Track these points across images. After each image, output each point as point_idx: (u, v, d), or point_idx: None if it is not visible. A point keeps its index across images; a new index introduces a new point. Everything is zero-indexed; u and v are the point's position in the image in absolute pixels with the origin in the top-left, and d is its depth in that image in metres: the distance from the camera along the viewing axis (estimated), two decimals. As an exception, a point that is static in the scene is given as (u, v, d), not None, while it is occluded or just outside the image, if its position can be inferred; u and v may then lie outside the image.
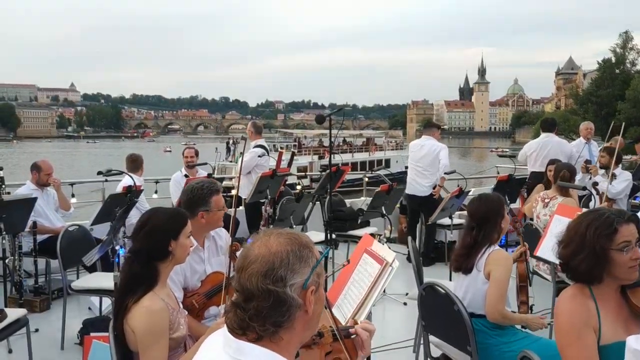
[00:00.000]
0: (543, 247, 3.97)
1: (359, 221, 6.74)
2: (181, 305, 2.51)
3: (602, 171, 6.85)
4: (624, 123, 10.30)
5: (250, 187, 5.87)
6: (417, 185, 6.98)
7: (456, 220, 6.84)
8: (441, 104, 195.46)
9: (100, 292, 4.34)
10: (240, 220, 6.56)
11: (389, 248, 2.65)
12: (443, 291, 2.79)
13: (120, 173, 5.52)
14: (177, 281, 2.92)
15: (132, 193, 4.88)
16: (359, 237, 6.49)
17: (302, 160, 33.19)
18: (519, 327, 3.02)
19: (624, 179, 6.66)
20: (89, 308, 5.12)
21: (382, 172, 10.42)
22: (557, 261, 3.81)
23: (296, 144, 37.03)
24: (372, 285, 2.41)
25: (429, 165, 6.95)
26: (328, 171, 8.15)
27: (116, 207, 4.76)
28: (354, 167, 32.42)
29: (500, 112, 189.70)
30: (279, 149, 36.78)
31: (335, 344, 1.71)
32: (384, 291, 4.99)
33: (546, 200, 5.70)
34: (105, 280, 4.13)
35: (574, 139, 8.25)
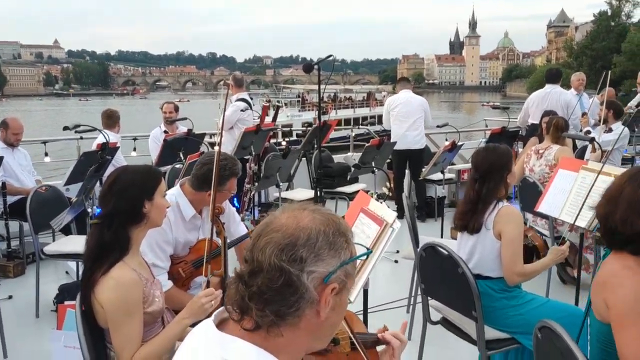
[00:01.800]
0: (545, 203, 3.71)
1: (348, 177, 6.46)
2: (155, 276, 2.22)
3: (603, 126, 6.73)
4: (609, 72, 10.06)
5: (234, 143, 5.52)
6: (411, 138, 6.70)
7: (447, 175, 6.68)
8: (432, 58, 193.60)
9: (75, 257, 4.05)
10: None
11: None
12: (446, 252, 2.52)
13: (93, 129, 5.15)
14: (166, 251, 2.65)
15: (105, 150, 4.53)
16: (348, 194, 6.35)
17: (307, 116, 32.52)
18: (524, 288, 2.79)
19: (615, 133, 6.56)
20: (67, 272, 4.85)
21: (376, 127, 10.07)
22: (560, 217, 3.64)
23: (300, 99, 36.53)
24: (371, 248, 2.13)
25: (420, 118, 6.81)
26: (315, 126, 7.90)
27: (90, 165, 4.43)
28: (356, 122, 32.18)
29: (490, 66, 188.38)
30: (282, 105, 36.26)
31: (355, 354, 1.42)
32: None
33: (540, 152, 5.50)
34: (80, 243, 3.83)
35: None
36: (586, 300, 2.22)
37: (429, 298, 2.81)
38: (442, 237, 5.50)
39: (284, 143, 10.71)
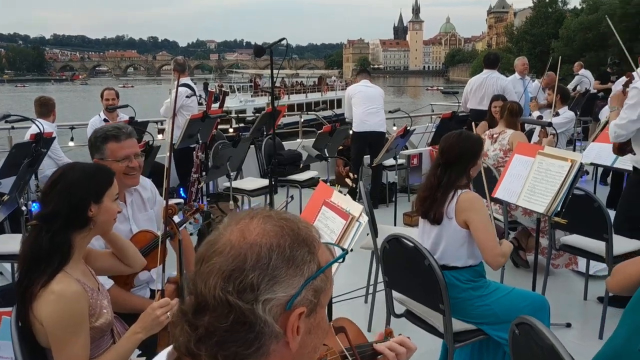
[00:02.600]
0: (502, 189, 3.68)
1: (301, 165, 6.31)
2: (101, 283, 2.00)
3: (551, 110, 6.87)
4: (560, 57, 10.33)
5: (178, 132, 5.24)
6: (375, 122, 6.67)
7: (399, 161, 6.64)
8: (377, 43, 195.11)
9: (9, 258, 3.73)
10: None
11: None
12: (411, 244, 2.42)
13: (25, 119, 4.76)
14: (98, 247, 2.39)
15: (40, 141, 4.19)
16: (300, 182, 6.22)
17: (260, 101, 31.92)
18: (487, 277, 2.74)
19: (564, 117, 6.72)
20: (1, 273, 4.50)
21: (326, 113, 9.93)
22: (517, 202, 3.63)
23: (252, 84, 35.86)
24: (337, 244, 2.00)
25: (381, 105, 6.83)
26: (264, 112, 7.73)
27: (24, 158, 4.09)
28: (309, 107, 31.80)
29: (434, 50, 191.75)
30: (235, 90, 35.41)
31: None
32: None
33: (495, 136, 5.55)
34: (16, 243, 3.52)
35: (508, 76, 8.16)
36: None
37: (393, 291, 2.72)
38: (395, 224, 5.45)
39: (231, 130, 10.39)
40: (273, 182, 3.72)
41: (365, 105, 6.61)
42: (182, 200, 5.43)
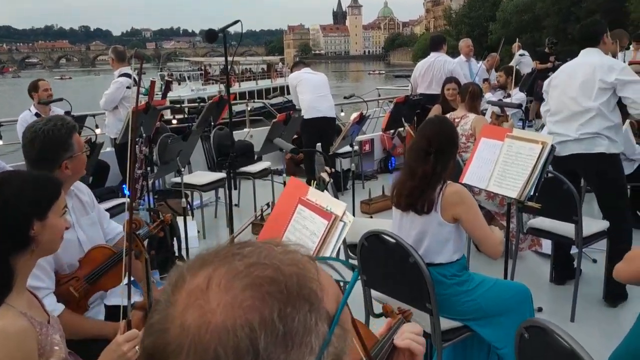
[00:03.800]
0: (470, 174, 3.56)
1: (256, 157, 6.04)
2: (51, 311, 1.69)
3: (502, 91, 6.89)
4: (503, 39, 10.51)
5: (120, 125, 4.85)
6: (325, 107, 6.49)
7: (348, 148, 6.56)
8: (317, 28, 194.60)
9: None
10: (110, 165, 5.55)
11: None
12: (393, 240, 2.25)
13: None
14: (46, 266, 2.08)
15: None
16: (254, 174, 5.95)
17: (212, 89, 31.00)
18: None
19: (516, 99, 6.75)
20: None
21: (279, 100, 9.61)
22: (488, 188, 3.52)
23: (202, 72, 34.87)
24: (318, 248, 1.79)
25: (328, 91, 6.68)
26: (210, 102, 7.37)
27: (-53, 160, 3.65)
28: (260, 94, 31.36)
29: (373, 35, 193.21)
30: (186, 79, 34.40)
31: None
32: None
33: (456, 120, 5.49)
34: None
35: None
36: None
37: (372, 290, 2.54)
38: (354, 213, 5.29)
39: (174, 122, 9.91)
40: (235, 178, 3.45)
41: (313, 91, 6.41)
42: (127, 200, 5.07)
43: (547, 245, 4.31)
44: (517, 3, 48.08)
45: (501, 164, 3.28)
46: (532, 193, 3.08)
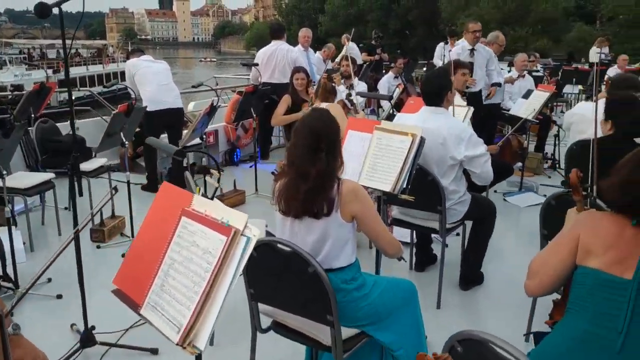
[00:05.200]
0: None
1: (95, 155, 5.35)
2: None
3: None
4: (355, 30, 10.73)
5: None
6: (170, 98, 5.98)
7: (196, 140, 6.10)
8: (142, 12, 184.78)
9: None
10: None
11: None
12: (288, 249, 2.02)
13: None
14: None
15: None
16: (89, 172, 5.23)
17: (37, 75, 27.76)
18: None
19: (359, 89, 6.92)
20: None
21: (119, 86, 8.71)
22: (359, 182, 3.43)
23: (26, 55, 30.79)
24: (217, 270, 1.50)
25: (171, 79, 6.20)
26: (29, 90, 6.45)
27: None
28: (91, 82, 29.17)
29: (202, 22, 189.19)
30: (7, 63, 30.39)
31: None
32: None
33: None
34: None
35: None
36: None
37: (259, 304, 2.28)
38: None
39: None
40: (79, 181, 2.92)
41: (154, 82, 5.90)
42: None
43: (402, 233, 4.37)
44: (344, -3, 50.28)
45: (372, 157, 3.22)
46: (404, 185, 3.07)
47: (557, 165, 6.96)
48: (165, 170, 6.41)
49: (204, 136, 6.04)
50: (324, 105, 4.88)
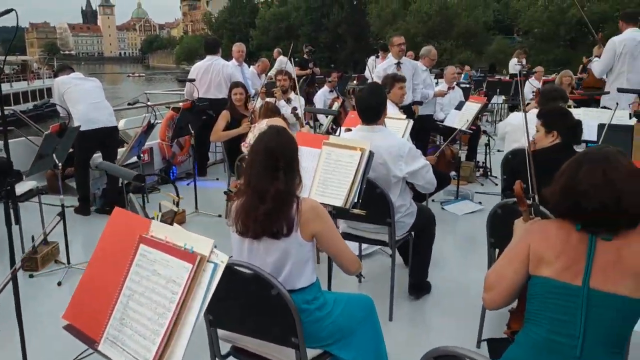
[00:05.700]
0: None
1: (24, 176, 5.05)
2: None
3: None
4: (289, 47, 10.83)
5: None
6: (104, 116, 5.74)
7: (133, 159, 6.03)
8: (65, 27, 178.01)
9: None
10: None
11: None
12: (249, 271, 1.95)
13: None
14: None
15: None
16: (19, 197, 4.94)
17: None
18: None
19: (294, 103, 6.96)
20: None
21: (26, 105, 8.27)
22: (310, 197, 3.42)
23: None
24: (182, 299, 1.43)
25: (103, 96, 5.98)
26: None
27: None
28: (16, 99, 28.10)
29: (129, 36, 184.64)
30: None
31: None
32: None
33: (252, 126, 5.45)
34: None
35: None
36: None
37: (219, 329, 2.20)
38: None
39: None
40: (17, 212, 2.73)
41: (86, 100, 5.66)
42: None
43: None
44: (275, 12, 50.50)
45: (321, 172, 3.22)
46: (355, 200, 3.08)
47: (489, 173, 7.22)
48: (98, 191, 6.13)
49: (141, 155, 5.85)
50: (263, 121, 4.87)
